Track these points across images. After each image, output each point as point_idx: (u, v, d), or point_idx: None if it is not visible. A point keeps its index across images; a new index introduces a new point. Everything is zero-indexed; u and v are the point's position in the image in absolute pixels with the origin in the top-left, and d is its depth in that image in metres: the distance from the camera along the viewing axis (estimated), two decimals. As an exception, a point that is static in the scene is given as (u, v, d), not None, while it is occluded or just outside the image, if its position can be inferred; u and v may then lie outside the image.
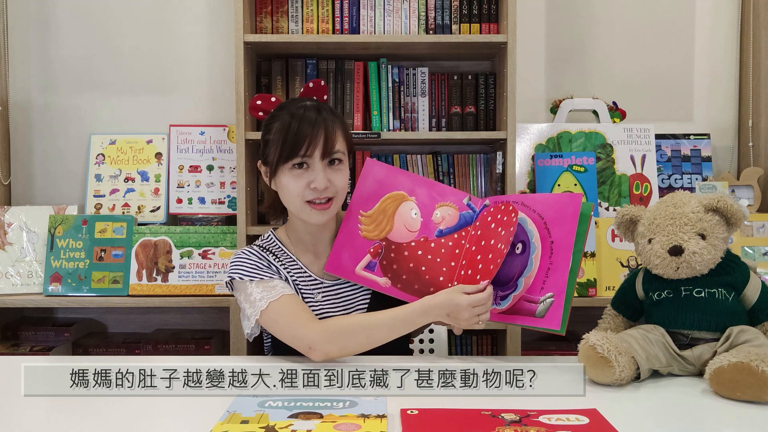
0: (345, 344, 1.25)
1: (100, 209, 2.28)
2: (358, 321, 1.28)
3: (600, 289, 2.03)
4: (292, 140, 1.31)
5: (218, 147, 2.31)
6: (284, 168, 1.33)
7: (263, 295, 1.31)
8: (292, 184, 1.33)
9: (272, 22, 2.16)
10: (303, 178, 1.33)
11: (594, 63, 2.40)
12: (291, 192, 1.34)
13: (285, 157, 1.32)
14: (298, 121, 1.32)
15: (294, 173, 1.33)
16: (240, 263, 1.37)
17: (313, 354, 1.25)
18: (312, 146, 1.31)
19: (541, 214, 1.29)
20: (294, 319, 1.28)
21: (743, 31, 2.37)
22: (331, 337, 1.25)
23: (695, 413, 1.03)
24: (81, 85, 2.39)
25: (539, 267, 1.25)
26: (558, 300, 1.20)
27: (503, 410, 0.98)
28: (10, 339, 2.24)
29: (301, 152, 1.31)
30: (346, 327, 1.26)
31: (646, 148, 2.23)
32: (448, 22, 2.17)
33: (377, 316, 1.28)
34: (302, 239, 1.44)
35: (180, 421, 1.00)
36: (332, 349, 1.25)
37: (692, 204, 1.21)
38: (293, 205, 1.37)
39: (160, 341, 2.21)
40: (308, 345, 1.25)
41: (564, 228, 1.24)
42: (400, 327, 1.27)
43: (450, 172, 2.25)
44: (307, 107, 1.35)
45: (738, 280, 1.21)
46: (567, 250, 1.22)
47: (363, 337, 1.25)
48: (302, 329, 1.26)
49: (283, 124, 1.33)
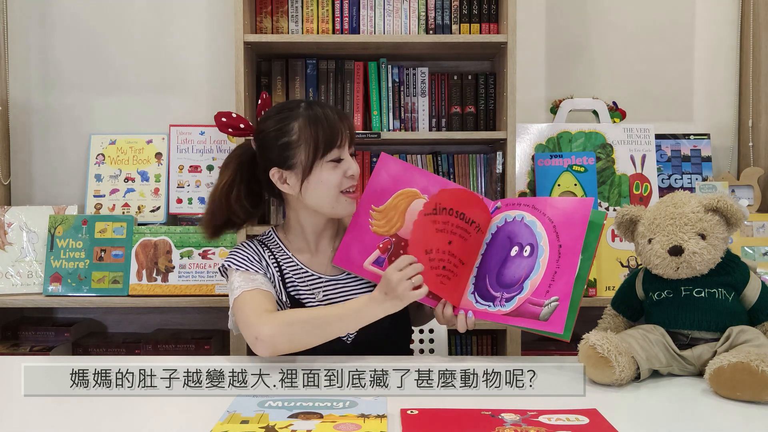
0: (293, 335, 1.24)
1: (100, 209, 2.28)
2: (308, 312, 1.28)
3: (600, 289, 2.03)
4: (328, 135, 1.34)
5: (218, 147, 2.31)
6: (322, 163, 1.35)
7: (241, 284, 1.33)
8: (332, 177, 1.35)
9: (272, 22, 2.16)
10: (339, 169, 1.36)
11: (594, 63, 2.40)
12: (330, 184, 1.35)
13: (323, 152, 1.34)
14: (324, 118, 1.35)
15: (332, 166, 1.36)
16: (235, 253, 1.41)
17: (258, 346, 1.23)
18: (344, 138, 1.36)
19: (551, 217, 1.28)
20: (254, 308, 1.28)
21: (743, 31, 2.37)
22: (279, 326, 1.24)
23: (695, 413, 1.03)
24: (81, 85, 2.39)
25: (546, 270, 1.24)
26: (563, 304, 1.19)
27: (503, 410, 0.98)
28: (10, 339, 2.24)
29: (337, 144, 1.35)
30: (297, 316, 1.26)
31: (646, 148, 2.23)
32: (448, 22, 2.17)
33: (329, 309, 1.28)
34: (306, 239, 1.44)
35: (180, 421, 1.00)
36: (280, 341, 1.23)
37: (692, 204, 1.21)
38: (328, 199, 1.37)
39: (160, 341, 2.21)
40: (255, 335, 1.24)
41: (573, 232, 1.24)
42: (350, 319, 1.27)
43: (450, 172, 2.25)
44: (312, 104, 1.39)
45: (738, 280, 1.21)
46: (575, 255, 1.22)
47: (311, 326, 1.25)
48: (255, 318, 1.26)
49: (308, 123, 1.35)
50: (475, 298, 1.30)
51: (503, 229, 1.33)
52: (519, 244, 1.29)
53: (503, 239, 1.32)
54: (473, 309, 1.29)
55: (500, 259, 1.31)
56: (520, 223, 1.31)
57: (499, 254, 1.31)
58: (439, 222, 1.31)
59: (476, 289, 1.31)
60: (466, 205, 1.33)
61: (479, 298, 1.29)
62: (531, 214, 1.30)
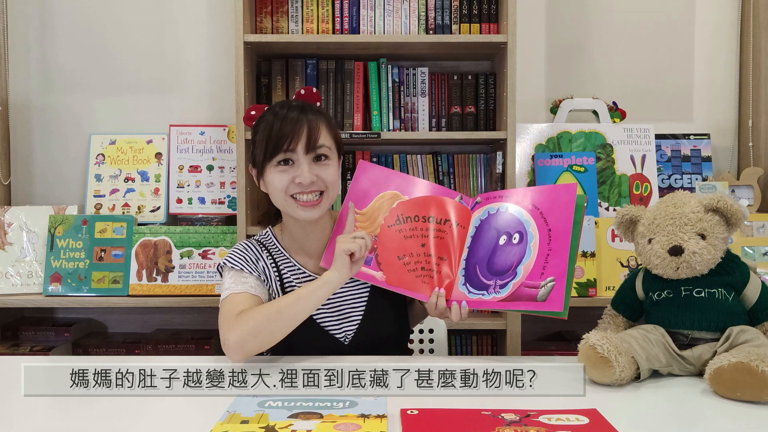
0: (258, 334, 1.23)
1: (100, 209, 2.28)
2: (267, 307, 1.27)
3: (600, 289, 2.03)
4: (276, 137, 1.33)
5: (218, 147, 2.31)
6: (270, 166, 1.35)
7: (230, 286, 1.34)
8: (277, 179, 1.35)
9: (272, 22, 2.16)
10: (288, 173, 1.35)
11: (594, 63, 2.40)
12: (276, 187, 1.35)
13: (270, 154, 1.34)
14: (280, 120, 1.35)
15: (279, 169, 1.35)
16: (233, 252, 1.41)
17: (230, 354, 1.23)
18: (295, 141, 1.33)
19: (536, 205, 1.32)
20: (226, 312, 1.28)
21: (743, 31, 2.37)
22: (242, 330, 1.22)
23: (695, 413, 1.03)
24: (81, 85, 2.39)
25: (538, 254, 1.27)
26: (559, 284, 1.22)
27: (503, 410, 0.98)
28: (10, 339, 2.24)
29: (284, 147, 1.33)
30: (256, 316, 1.25)
31: (646, 148, 2.23)
32: (448, 22, 2.17)
33: (283, 298, 1.28)
34: (296, 239, 1.45)
35: (180, 421, 1.00)
36: (247, 343, 1.22)
37: (692, 204, 1.21)
38: (279, 202, 1.38)
39: (160, 341, 2.20)
40: (223, 343, 1.24)
41: (562, 215, 1.27)
42: (305, 300, 1.26)
43: (450, 172, 2.25)
44: (291, 107, 1.38)
45: (738, 280, 1.21)
46: (566, 236, 1.25)
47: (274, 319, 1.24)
48: (224, 326, 1.25)
49: (267, 123, 1.36)
50: (467, 289, 1.32)
51: (487, 221, 1.37)
52: (507, 233, 1.33)
53: (489, 230, 1.36)
54: (466, 299, 1.31)
55: (489, 249, 1.34)
56: (504, 213, 1.35)
57: (486, 244, 1.35)
58: (405, 230, 1.38)
59: (467, 280, 1.33)
60: (428, 208, 1.40)
61: (472, 288, 1.32)
62: (514, 204, 1.35)
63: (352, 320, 1.40)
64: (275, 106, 1.41)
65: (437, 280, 1.35)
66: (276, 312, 1.25)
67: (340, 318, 1.39)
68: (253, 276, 1.37)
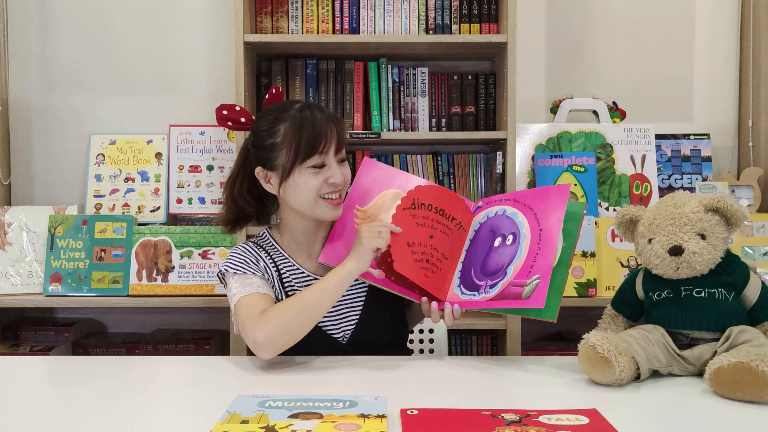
0: (289, 328, 1.24)
1: (100, 209, 2.28)
2: (294, 301, 1.27)
3: (600, 289, 2.03)
4: (311, 140, 1.33)
5: (218, 147, 2.31)
6: (302, 168, 1.34)
7: (238, 290, 1.33)
8: (311, 182, 1.34)
9: (272, 22, 2.16)
10: (320, 175, 1.35)
11: (594, 63, 2.40)
12: (308, 189, 1.35)
13: (303, 157, 1.33)
14: (310, 122, 1.34)
15: (312, 171, 1.35)
16: (231, 257, 1.40)
17: (259, 350, 1.23)
18: (328, 144, 1.34)
19: (530, 206, 1.32)
20: (247, 313, 1.28)
21: (743, 31, 2.37)
22: (272, 326, 1.23)
23: (695, 413, 1.03)
24: (81, 85, 2.39)
25: (528, 254, 1.27)
26: (543, 281, 1.20)
27: (503, 410, 0.98)
28: (10, 339, 2.24)
29: (319, 152, 1.33)
30: (285, 310, 1.25)
31: (646, 148, 2.23)
32: (448, 22, 2.17)
33: (307, 292, 1.28)
34: (297, 240, 1.44)
35: (180, 421, 1.00)
36: (278, 339, 1.23)
37: (692, 204, 1.21)
38: (306, 203, 1.36)
39: (160, 341, 2.21)
40: (252, 341, 1.24)
41: (553, 216, 1.27)
42: (331, 292, 1.27)
43: (450, 172, 2.25)
44: (305, 107, 1.37)
45: (738, 280, 1.21)
46: (555, 236, 1.25)
47: (301, 312, 1.25)
48: (249, 325, 1.26)
49: (294, 126, 1.34)
50: (461, 291, 1.32)
51: (486, 225, 1.38)
52: (502, 234, 1.33)
53: (486, 233, 1.36)
54: (459, 301, 1.31)
55: (484, 252, 1.34)
56: (501, 216, 1.35)
57: (482, 247, 1.35)
58: (418, 216, 1.35)
59: (462, 282, 1.33)
60: (443, 201, 1.38)
61: (465, 290, 1.32)
62: (512, 206, 1.35)
63: (350, 320, 1.40)
64: (286, 108, 1.38)
65: (438, 278, 1.34)
66: (304, 307, 1.25)
67: (338, 318, 1.39)
68: (257, 276, 1.36)
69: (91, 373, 1.22)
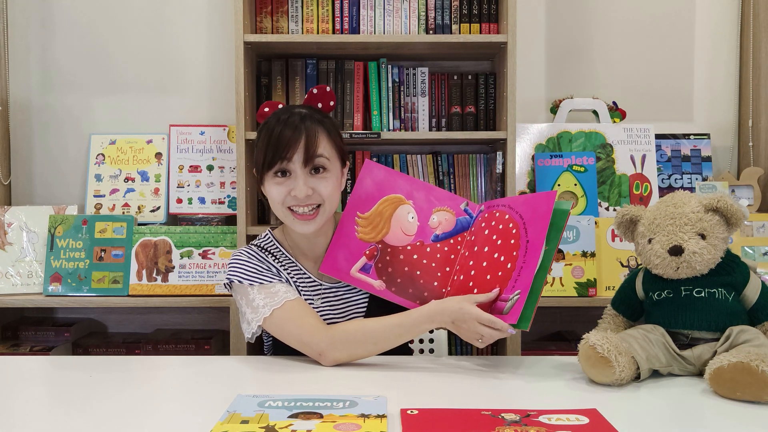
0: (352, 352, 1.26)
1: (100, 209, 2.28)
2: (365, 329, 1.27)
3: (600, 289, 2.03)
4: (273, 147, 1.31)
5: (218, 147, 2.31)
6: (268, 175, 1.33)
7: (266, 302, 1.30)
8: (274, 191, 1.33)
9: (272, 22, 2.16)
10: (285, 185, 1.32)
11: (594, 63, 2.40)
12: (273, 199, 1.34)
13: (267, 164, 1.32)
14: (280, 127, 1.31)
15: (276, 180, 1.33)
16: (240, 265, 1.36)
17: (323, 360, 1.26)
18: (291, 153, 1.30)
19: (521, 214, 1.29)
20: (300, 324, 1.28)
21: (743, 31, 2.37)
22: (339, 344, 1.25)
23: (695, 413, 1.03)
24: (81, 84, 2.39)
25: (516, 267, 1.24)
26: (522, 296, 1.19)
27: (503, 410, 0.98)
28: (10, 339, 2.24)
29: (280, 159, 1.30)
30: (354, 335, 1.26)
31: (646, 148, 2.23)
32: (448, 22, 2.17)
33: (383, 323, 1.27)
34: (298, 244, 1.44)
35: (180, 421, 1.00)
36: (341, 356, 1.26)
37: (692, 204, 1.21)
38: (278, 213, 1.37)
39: (160, 341, 2.20)
40: (318, 352, 1.26)
41: (538, 226, 1.24)
42: (406, 333, 1.27)
43: (450, 172, 2.25)
44: (293, 113, 1.34)
45: (738, 280, 1.21)
46: (538, 249, 1.22)
47: (370, 344, 1.26)
48: (309, 336, 1.27)
49: (268, 130, 1.33)
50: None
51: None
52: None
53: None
54: None
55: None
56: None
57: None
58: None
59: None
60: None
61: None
62: (508, 214, 1.32)
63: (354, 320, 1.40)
64: (280, 112, 1.37)
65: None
66: (375, 344, 1.26)
67: (343, 319, 1.39)
68: (276, 281, 1.35)
69: (91, 373, 1.22)
